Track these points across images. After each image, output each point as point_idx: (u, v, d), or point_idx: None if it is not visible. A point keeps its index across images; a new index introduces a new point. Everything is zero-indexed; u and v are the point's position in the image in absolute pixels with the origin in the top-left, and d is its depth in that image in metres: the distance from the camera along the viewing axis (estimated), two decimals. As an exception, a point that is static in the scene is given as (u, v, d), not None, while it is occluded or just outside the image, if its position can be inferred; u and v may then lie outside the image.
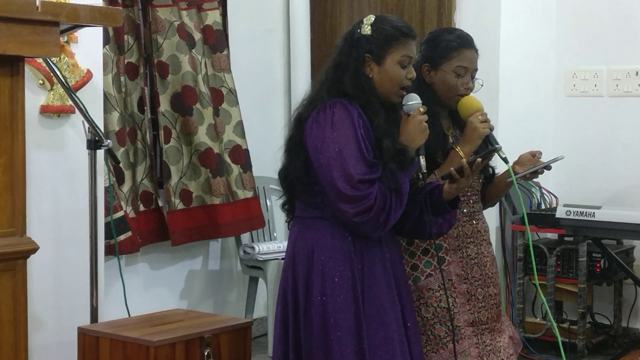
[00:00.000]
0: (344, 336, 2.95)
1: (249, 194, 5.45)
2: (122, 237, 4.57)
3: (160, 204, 5.16)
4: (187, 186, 5.21)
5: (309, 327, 2.99)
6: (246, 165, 5.45)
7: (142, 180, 5.09)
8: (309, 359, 2.99)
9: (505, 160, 3.18)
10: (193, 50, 5.23)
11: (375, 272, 3.03)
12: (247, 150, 5.46)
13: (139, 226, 4.98)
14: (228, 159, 5.37)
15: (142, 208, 5.08)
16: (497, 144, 3.18)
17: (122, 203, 4.85)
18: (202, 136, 5.22)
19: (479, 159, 3.03)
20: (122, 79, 4.97)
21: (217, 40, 5.37)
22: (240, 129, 5.44)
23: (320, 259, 2.99)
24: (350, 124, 2.93)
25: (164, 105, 5.14)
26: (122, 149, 4.89)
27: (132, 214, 4.93)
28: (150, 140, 5.10)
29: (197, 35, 5.27)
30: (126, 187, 4.92)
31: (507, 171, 3.24)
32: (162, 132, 5.12)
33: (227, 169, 5.35)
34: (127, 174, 4.95)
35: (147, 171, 5.12)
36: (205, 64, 5.31)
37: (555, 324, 3.50)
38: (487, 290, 3.33)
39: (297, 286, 3.03)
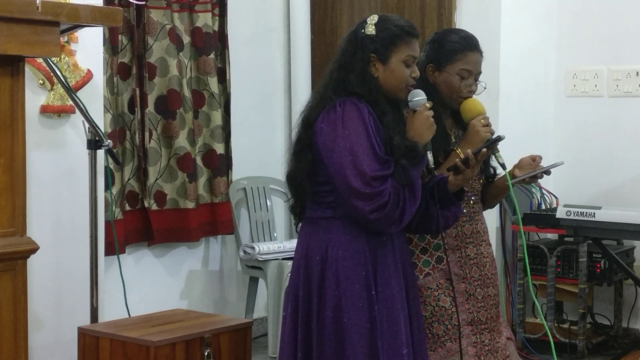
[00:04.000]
0: (357, 335, 2.96)
1: (216, 199, 5.46)
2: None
3: (146, 204, 5.17)
4: (163, 188, 5.21)
5: (321, 327, 2.99)
6: (219, 169, 5.45)
7: (129, 180, 5.10)
8: (320, 358, 2.99)
9: (503, 166, 3.18)
10: (180, 54, 5.24)
11: (388, 270, 3.04)
12: (222, 155, 5.46)
13: (125, 226, 4.98)
14: (200, 162, 5.39)
15: (127, 208, 5.09)
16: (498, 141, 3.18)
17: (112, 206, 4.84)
18: (183, 141, 5.24)
19: (484, 149, 3.06)
20: (114, 79, 4.98)
21: (205, 43, 5.37)
22: (219, 133, 5.44)
23: (335, 258, 3.00)
24: (361, 122, 2.94)
25: (150, 107, 5.16)
26: (114, 151, 4.89)
27: (119, 216, 4.92)
28: (139, 141, 5.10)
29: (186, 39, 5.29)
30: (115, 189, 4.91)
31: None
32: (147, 133, 5.14)
33: (199, 173, 5.37)
34: (117, 176, 4.95)
35: (135, 171, 5.13)
36: (191, 67, 5.33)
37: (547, 325, 3.50)
38: (486, 290, 3.33)
39: (310, 286, 3.04)
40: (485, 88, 3.32)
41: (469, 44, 3.27)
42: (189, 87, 5.30)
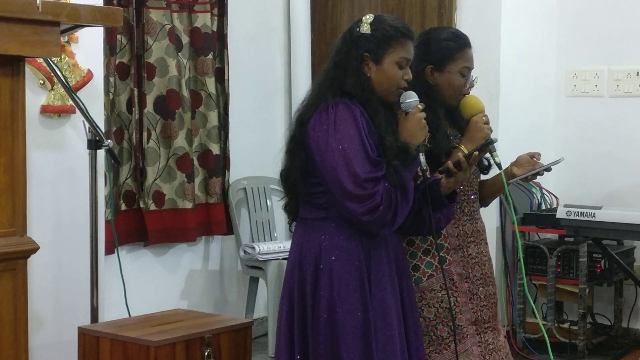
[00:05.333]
0: (352, 336, 2.96)
1: (211, 200, 5.46)
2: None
3: (142, 204, 5.17)
4: (161, 188, 5.21)
5: (316, 328, 2.99)
6: (214, 170, 5.45)
7: (126, 180, 5.10)
8: (315, 359, 2.99)
9: (499, 166, 3.18)
10: (179, 54, 5.24)
11: (381, 271, 3.04)
12: (218, 156, 5.46)
13: (117, 226, 4.97)
14: (196, 162, 5.39)
15: (123, 207, 5.09)
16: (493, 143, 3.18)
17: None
18: (182, 141, 5.24)
19: (476, 152, 3.05)
20: (111, 79, 4.98)
21: (203, 44, 5.38)
22: (215, 134, 5.44)
23: (329, 259, 3.00)
24: (353, 123, 2.93)
25: (148, 107, 5.16)
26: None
27: (108, 216, 4.92)
28: (136, 141, 5.10)
29: (185, 39, 5.29)
30: (107, 190, 4.90)
31: (504, 172, 3.23)
32: (145, 133, 5.14)
33: (195, 173, 5.37)
34: (110, 176, 4.94)
35: (132, 171, 5.13)
36: (189, 67, 5.33)
37: (542, 325, 3.50)
38: (487, 289, 3.34)
39: (304, 287, 3.04)
40: (476, 83, 3.33)
41: (465, 41, 3.28)
42: (187, 87, 5.30)
